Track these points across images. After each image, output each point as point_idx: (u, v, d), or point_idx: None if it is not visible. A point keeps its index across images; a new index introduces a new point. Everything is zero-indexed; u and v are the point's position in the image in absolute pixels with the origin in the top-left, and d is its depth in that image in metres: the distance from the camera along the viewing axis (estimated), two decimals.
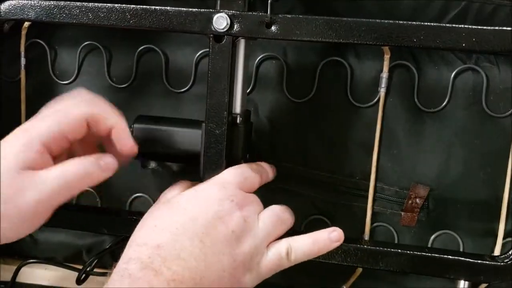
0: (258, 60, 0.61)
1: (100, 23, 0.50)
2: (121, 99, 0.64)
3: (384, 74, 0.59)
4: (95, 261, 0.62)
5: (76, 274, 0.62)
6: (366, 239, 0.61)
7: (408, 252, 0.49)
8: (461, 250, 0.60)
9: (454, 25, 0.45)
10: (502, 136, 0.58)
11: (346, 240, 0.50)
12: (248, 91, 0.61)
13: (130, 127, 0.55)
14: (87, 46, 0.64)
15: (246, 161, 0.56)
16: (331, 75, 0.60)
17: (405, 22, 0.46)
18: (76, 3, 0.50)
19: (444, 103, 0.58)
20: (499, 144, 0.58)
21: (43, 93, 0.66)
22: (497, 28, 0.45)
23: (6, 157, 0.43)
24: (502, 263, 0.48)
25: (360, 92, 0.60)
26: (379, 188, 0.60)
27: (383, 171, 0.60)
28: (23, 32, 0.64)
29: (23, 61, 0.65)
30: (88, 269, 0.61)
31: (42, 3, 0.51)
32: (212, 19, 0.48)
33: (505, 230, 0.58)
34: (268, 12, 0.47)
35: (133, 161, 0.59)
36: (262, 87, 0.62)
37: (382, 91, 0.59)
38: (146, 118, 0.57)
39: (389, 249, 0.49)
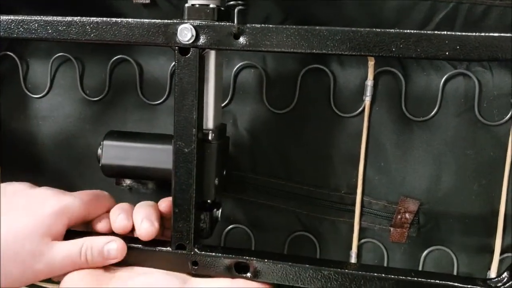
0: (236, 69, 0.58)
1: (60, 38, 0.47)
2: (95, 112, 0.61)
3: (369, 82, 0.55)
4: None
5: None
6: (353, 256, 0.58)
7: (392, 276, 0.45)
8: (455, 266, 0.57)
9: (435, 32, 0.41)
10: (497, 145, 0.54)
11: (327, 263, 0.47)
12: (225, 102, 0.58)
13: (100, 143, 0.52)
14: (59, 58, 0.62)
15: (222, 178, 0.53)
16: (313, 84, 0.57)
17: (382, 30, 0.42)
18: (35, 17, 0.47)
19: (434, 111, 0.55)
20: (494, 154, 0.54)
21: (15, 107, 0.63)
22: (482, 34, 0.41)
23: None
24: None
25: (344, 101, 0.56)
26: (366, 202, 0.57)
27: (370, 185, 0.57)
28: None
29: None
30: None
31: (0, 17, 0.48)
32: (177, 31, 0.45)
33: (502, 245, 0.55)
34: (235, 22, 0.44)
35: (108, 179, 0.56)
36: (240, 97, 0.58)
37: (367, 100, 0.55)
38: (117, 134, 0.54)
39: (372, 274, 0.46)
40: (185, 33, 0.45)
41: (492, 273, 0.55)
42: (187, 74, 0.45)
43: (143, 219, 0.49)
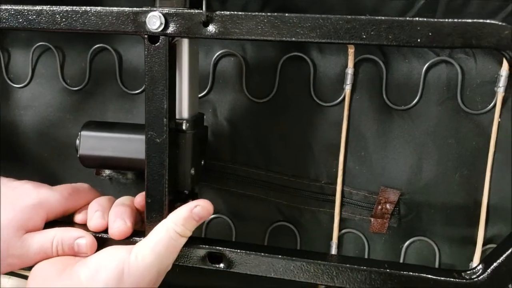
0: (215, 58, 0.57)
1: (30, 27, 0.47)
2: (75, 101, 0.61)
3: (349, 70, 0.54)
4: None
5: None
6: (334, 247, 0.57)
7: (365, 268, 0.45)
8: (437, 257, 0.56)
9: (407, 18, 0.40)
10: (480, 134, 0.53)
11: (299, 254, 0.47)
12: (205, 91, 0.58)
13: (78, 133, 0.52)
14: (40, 47, 0.61)
15: (200, 168, 0.52)
16: (293, 72, 0.56)
17: (353, 16, 0.41)
18: (4, 6, 0.46)
19: (416, 100, 0.53)
20: (477, 144, 0.53)
21: None
22: (455, 20, 0.39)
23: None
24: (470, 280, 0.44)
25: (325, 90, 0.55)
26: (346, 192, 0.56)
27: (351, 174, 0.56)
28: None
29: None
30: None
31: None
32: (146, 19, 0.44)
33: (485, 236, 0.54)
34: (204, 9, 0.43)
35: (90, 168, 0.56)
36: (220, 86, 0.58)
37: (348, 88, 0.54)
38: (95, 124, 0.54)
39: (344, 265, 0.45)
40: (154, 21, 0.44)
41: (475, 265, 0.54)
42: (157, 63, 0.45)
43: (116, 218, 0.49)
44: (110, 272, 0.44)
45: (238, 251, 0.47)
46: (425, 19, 0.40)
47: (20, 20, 0.47)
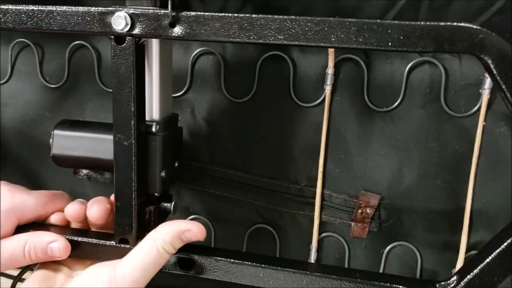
0: (194, 56, 0.56)
1: None
2: (54, 99, 0.60)
3: (330, 70, 0.52)
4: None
5: None
6: (313, 250, 0.56)
7: (335, 277, 0.43)
8: (419, 263, 0.54)
9: (378, 21, 0.38)
10: (463, 138, 0.51)
11: (269, 261, 0.45)
12: (183, 91, 0.56)
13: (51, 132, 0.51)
14: (19, 43, 0.60)
15: (173, 169, 0.51)
16: (272, 72, 0.54)
17: (321, 18, 0.39)
18: None
19: (398, 102, 0.52)
20: (460, 148, 0.51)
21: None
22: (428, 23, 0.38)
23: None
24: None
25: (305, 90, 0.54)
26: (326, 195, 0.55)
27: (331, 177, 0.55)
28: None
29: None
30: (21, 277, 0.59)
31: None
32: (111, 19, 0.43)
33: (468, 242, 0.52)
34: (169, 10, 0.41)
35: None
36: (198, 85, 0.56)
37: (328, 89, 0.53)
38: (68, 123, 0.53)
39: (315, 273, 0.44)
40: (119, 21, 0.43)
41: None
42: (124, 65, 0.44)
43: (94, 203, 0.48)
44: None
45: (207, 257, 0.46)
46: (396, 21, 0.38)
47: None
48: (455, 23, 0.37)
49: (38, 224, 0.50)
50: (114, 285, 0.42)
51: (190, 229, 0.44)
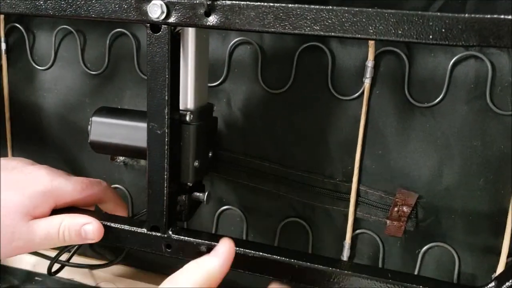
0: (231, 45, 0.55)
1: (37, 13, 0.46)
2: (94, 86, 0.61)
3: (369, 63, 0.51)
4: (72, 251, 0.61)
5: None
6: (346, 247, 0.55)
7: (366, 276, 0.42)
8: (456, 266, 0.52)
9: (418, 12, 0.36)
10: (509, 137, 0.48)
11: (294, 255, 0.44)
12: (220, 80, 0.56)
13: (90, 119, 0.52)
14: (62, 30, 0.61)
15: (206, 160, 0.51)
16: (310, 63, 0.53)
17: (359, 9, 0.37)
18: None
19: (440, 97, 0.50)
20: (504, 147, 0.49)
21: (23, 79, 0.64)
22: (472, 15, 0.35)
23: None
24: None
25: (343, 83, 0.53)
26: (362, 191, 0.53)
27: (367, 173, 0.53)
28: (1, 16, 0.62)
29: (3, 46, 0.64)
30: (58, 258, 0.60)
31: None
32: (147, 7, 0.43)
33: (510, 246, 0.50)
34: None
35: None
36: (235, 76, 0.56)
37: (367, 82, 0.51)
38: (106, 110, 0.53)
39: (344, 271, 0.43)
40: (155, 9, 0.42)
41: None
42: (159, 53, 0.43)
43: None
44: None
45: (238, 250, 0.45)
46: (438, 13, 0.36)
47: (29, 5, 0.47)
48: (502, 16, 0.35)
49: (74, 208, 0.51)
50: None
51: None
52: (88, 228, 0.48)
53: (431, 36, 0.37)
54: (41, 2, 0.46)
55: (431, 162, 0.51)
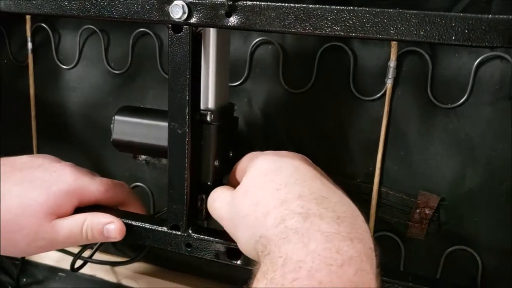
0: (253, 45, 0.55)
1: (61, 13, 0.47)
2: (117, 85, 0.62)
3: (392, 63, 0.50)
4: (94, 248, 0.62)
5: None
6: None
7: (386, 279, 0.42)
8: (480, 270, 0.51)
9: (440, 13, 0.36)
10: None
11: None
12: (241, 80, 0.56)
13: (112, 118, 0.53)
14: (87, 30, 0.62)
15: (227, 159, 0.51)
16: (332, 63, 0.53)
17: (380, 9, 0.37)
18: None
19: (464, 98, 0.49)
20: None
21: (48, 78, 0.65)
22: (496, 16, 0.35)
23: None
24: None
25: (365, 83, 0.52)
26: (383, 193, 0.53)
27: (388, 175, 0.53)
28: (28, 16, 0.63)
29: (29, 45, 0.65)
30: (81, 255, 0.61)
31: None
32: (169, 8, 0.43)
33: None
34: None
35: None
36: (257, 75, 0.56)
37: (389, 82, 0.51)
38: (129, 109, 0.54)
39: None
40: (177, 10, 0.43)
41: None
42: (180, 53, 0.44)
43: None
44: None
45: None
46: (461, 14, 0.36)
47: (54, 6, 0.47)
48: None
49: (96, 206, 0.52)
50: None
51: None
52: (111, 227, 0.48)
53: (453, 37, 0.36)
54: (66, 3, 0.47)
55: (454, 164, 0.50)
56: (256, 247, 0.37)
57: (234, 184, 0.47)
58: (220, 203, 0.44)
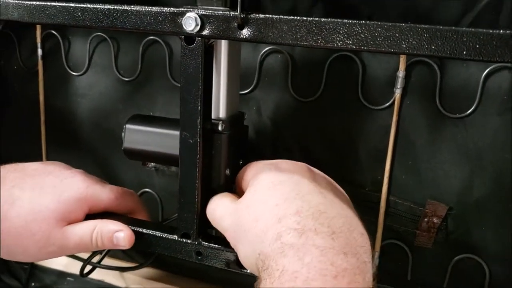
0: (262, 54, 0.56)
1: (76, 24, 0.47)
2: (127, 92, 0.62)
3: (400, 73, 0.51)
4: (103, 253, 0.63)
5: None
6: (376, 256, 0.55)
7: (392, 287, 0.43)
8: (487, 279, 0.52)
9: (452, 28, 0.36)
10: None
11: None
12: (250, 88, 0.57)
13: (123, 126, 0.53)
14: (97, 37, 0.63)
15: (238, 168, 0.51)
16: (340, 72, 0.53)
17: (392, 24, 0.37)
18: (52, 3, 0.48)
19: (472, 108, 0.49)
20: None
21: (58, 84, 0.66)
22: (508, 31, 0.35)
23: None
24: None
25: (373, 92, 0.53)
26: (391, 201, 0.53)
27: (397, 183, 0.53)
28: None
29: (39, 52, 0.65)
30: (91, 260, 0.61)
31: (24, 3, 0.49)
32: (182, 20, 0.44)
33: None
34: (238, 12, 0.42)
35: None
36: (266, 84, 0.56)
37: (398, 92, 0.51)
38: (140, 118, 0.54)
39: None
40: (190, 22, 0.43)
41: None
42: (192, 65, 0.44)
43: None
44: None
45: None
46: (472, 29, 0.36)
47: (67, 17, 0.48)
48: None
49: (106, 213, 0.52)
50: None
51: None
52: (120, 235, 0.49)
53: (465, 52, 0.37)
54: (79, 14, 0.47)
55: (462, 174, 0.50)
56: (256, 262, 0.38)
57: (238, 192, 0.48)
58: (221, 212, 0.45)
